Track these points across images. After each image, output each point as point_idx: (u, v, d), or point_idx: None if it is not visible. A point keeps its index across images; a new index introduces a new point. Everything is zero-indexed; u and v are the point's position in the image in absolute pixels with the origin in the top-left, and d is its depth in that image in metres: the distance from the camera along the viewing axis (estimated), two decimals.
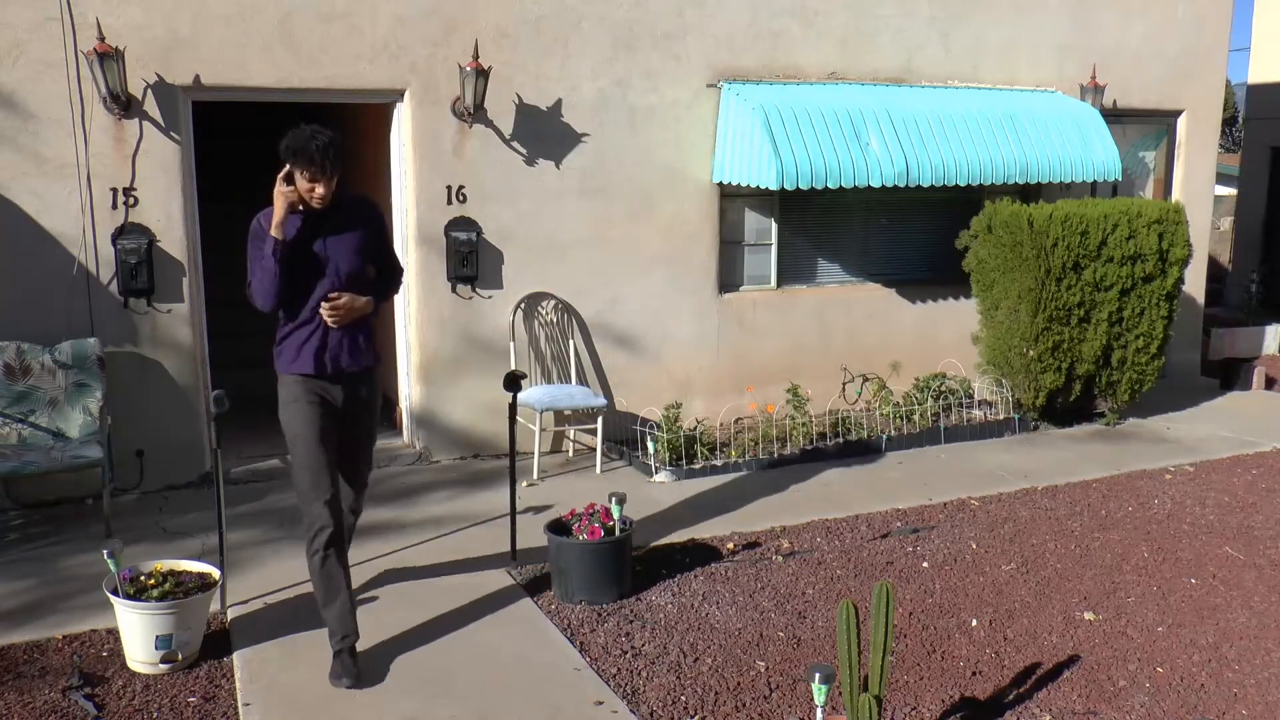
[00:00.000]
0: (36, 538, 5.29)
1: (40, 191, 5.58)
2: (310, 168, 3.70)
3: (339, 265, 3.89)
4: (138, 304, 5.83)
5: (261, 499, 5.87)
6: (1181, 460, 6.80)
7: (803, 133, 6.75)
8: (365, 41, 6.10)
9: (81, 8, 5.52)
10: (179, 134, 5.82)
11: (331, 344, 3.92)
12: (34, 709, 3.64)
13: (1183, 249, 7.31)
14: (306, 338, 3.91)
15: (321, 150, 3.69)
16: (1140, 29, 8.47)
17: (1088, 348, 7.21)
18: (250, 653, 4.04)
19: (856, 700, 3.05)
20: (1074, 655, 4.13)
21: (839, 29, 7.39)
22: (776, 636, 4.26)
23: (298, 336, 3.92)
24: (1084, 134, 7.62)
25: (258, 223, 3.85)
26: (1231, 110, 23.44)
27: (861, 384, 7.58)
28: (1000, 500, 6.00)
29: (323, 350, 3.92)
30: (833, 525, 5.55)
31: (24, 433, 5.44)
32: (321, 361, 3.92)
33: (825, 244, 7.81)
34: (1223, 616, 4.50)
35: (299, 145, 3.69)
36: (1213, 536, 5.44)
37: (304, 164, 3.69)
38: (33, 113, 5.53)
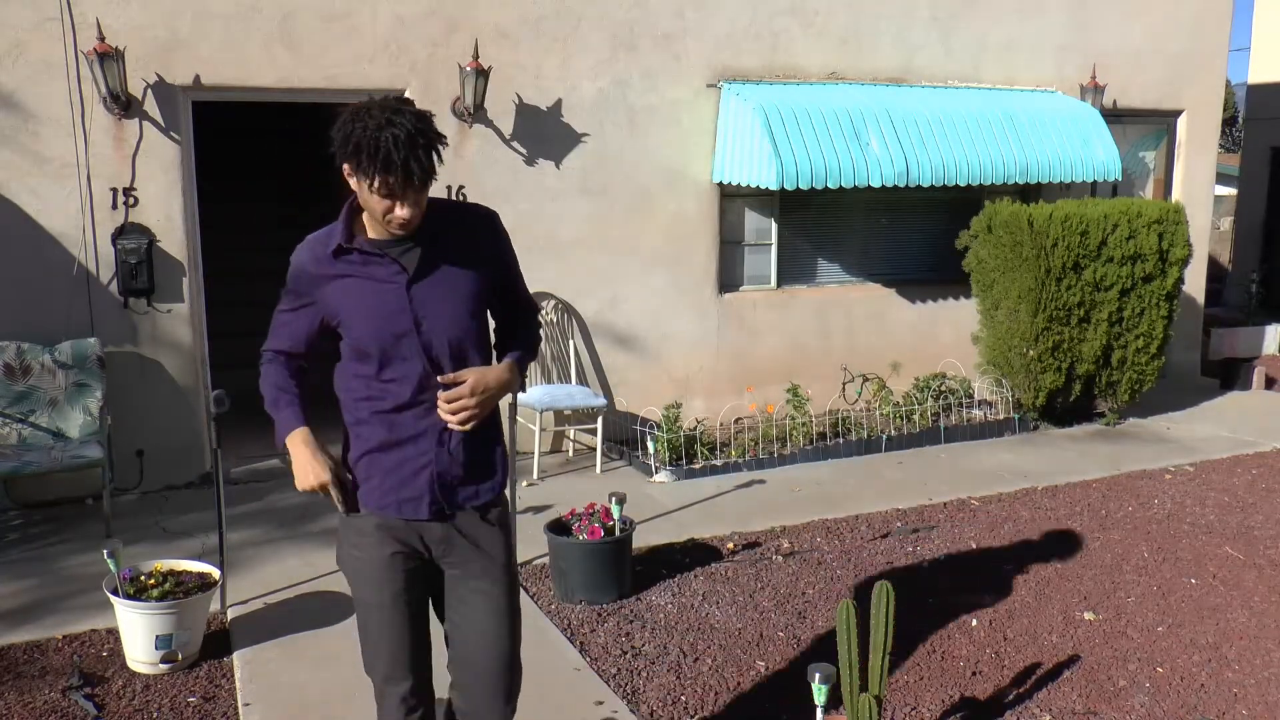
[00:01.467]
0: (36, 538, 5.29)
1: (40, 191, 5.58)
2: (386, 174, 2.25)
3: (438, 332, 2.44)
4: (138, 304, 5.83)
5: (261, 499, 5.87)
6: (1181, 460, 6.80)
7: (803, 133, 6.75)
8: (365, 41, 6.10)
9: (81, 8, 5.52)
10: (179, 134, 5.82)
11: (442, 464, 2.49)
12: (34, 709, 3.64)
13: (1183, 249, 7.31)
14: (395, 459, 2.50)
15: (404, 145, 2.24)
16: (1140, 29, 8.47)
17: (1088, 348, 7.21)
18: (250, 653, 4.04)
19: (856, 700, 3.05)
20: (1074, 655, 4.13)
21: (839, 29, 7.39)
22: (776, 636, 4.26)
23: (378, 452, 2.52)
24: (1084, 134, 7.62)
25: (297, 272, 2.50)
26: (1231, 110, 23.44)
27: (861, 384, 7.58)
28: (1000, 500, 5.99)
29: (426, 479, 2.49)
30: (833, 525, 5.55)
31: (24, 433, 5.44)
32: (418, 498, 2.51)
33: (825, 244, 7.81)
34: (1223, 616, 4.50)
35: (366, 138, 2.24)
36: (1213, 536, 5.44)
37: (374, 169, 2.25)
38: (33, 113, 5.53)
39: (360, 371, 2.48)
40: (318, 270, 2.46)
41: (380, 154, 2.22)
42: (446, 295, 2.45)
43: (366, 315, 2.43)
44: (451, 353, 2.46)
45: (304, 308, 2.52)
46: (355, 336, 2.45)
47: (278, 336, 2.58)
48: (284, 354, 2.58)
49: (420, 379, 2.45)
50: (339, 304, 2.45)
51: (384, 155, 2.22)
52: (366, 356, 2.45)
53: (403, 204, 2.30)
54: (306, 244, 2.50)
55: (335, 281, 2.44)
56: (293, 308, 2.54)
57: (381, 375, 2.46)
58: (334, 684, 3.77)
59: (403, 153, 2.22)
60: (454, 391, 2.42)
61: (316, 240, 2.49)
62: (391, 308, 2.42)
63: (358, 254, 2.42)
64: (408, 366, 2.44)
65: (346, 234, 2.43)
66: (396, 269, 2.42)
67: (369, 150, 2.23)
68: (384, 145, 2.21)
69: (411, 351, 2.43)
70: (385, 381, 2.46)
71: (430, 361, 2.44)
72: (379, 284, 2.42)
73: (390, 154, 2.22)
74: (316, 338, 2.55)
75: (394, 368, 2.45)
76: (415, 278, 2.43)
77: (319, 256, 2.46)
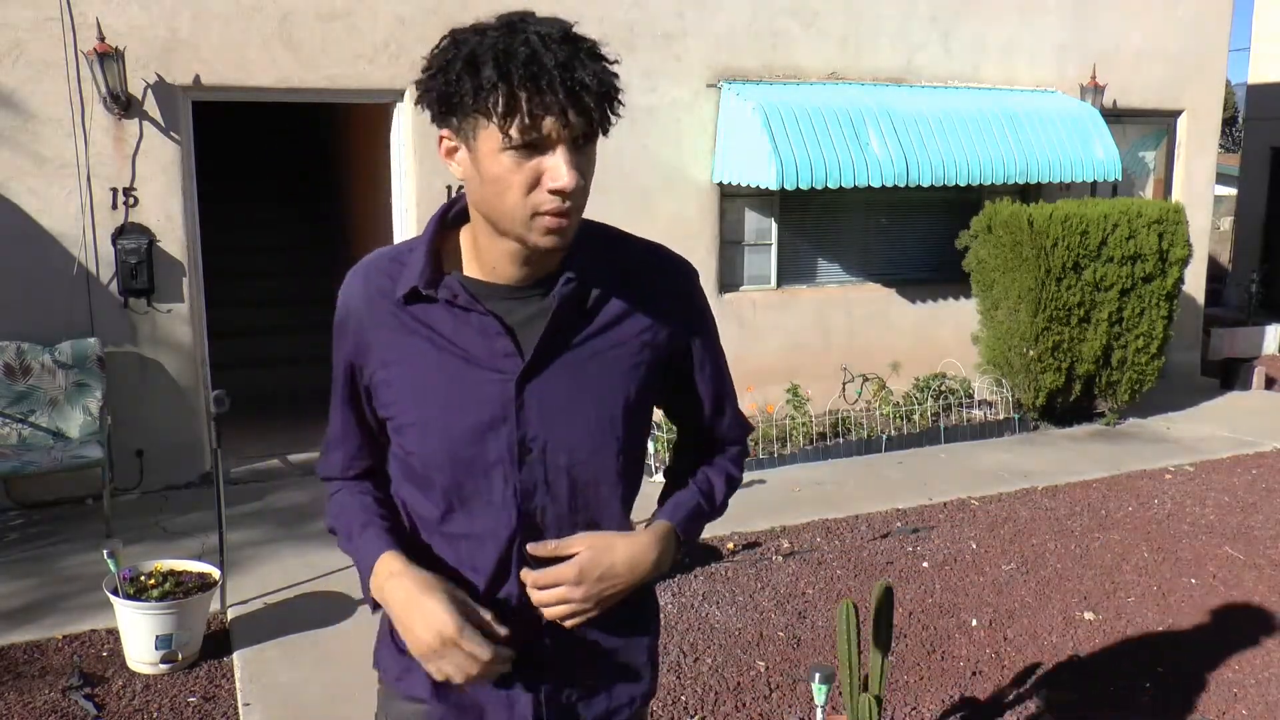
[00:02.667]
0: (36, 538, 5.29)
1: (40, 191, 5.58)
2: (536, 93, 1.30)
3: (557, 461, 1.51)
4: (138, 304, 5.83)
5: (261, 499, 5.86)
6: (1181, 460, 6.80)
7: (802, 132, 6.75)
8: (365, 41, 6.10)
9: (81, 8, 5.52)
10: (179, 134, 5.81)
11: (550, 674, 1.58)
12: (34, 709, 3.64)
13: (1183, 249, 7.31)
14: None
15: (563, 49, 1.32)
16: (1140, 29, 8.47)
17: (1088, 348, 7.21)
18: (250, 653, 4.04)
19: (856, 700, 3.05)
20: (1074, 655, 4.13)
21: (839, 29, 7.39)
22: (776, 636, 4.26)
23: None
24: (1084, 134, 7.62)
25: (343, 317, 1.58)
26: (1231, 110, 23.44)
27: (861, 384, 7.58)
28: (1000, 500, 5.99)
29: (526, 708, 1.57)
30: (833, 525, 5.55)
31: (24, 433, 5.44)
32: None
33: (825, 244, 7.81)
34: (1223, 616, 4.49)
35: (495, 48, 1.31)
36: (1213, 536, 5.44)
37: (513, 85, 1.30)
38: (33, 113, 5.53)
39: (412, 506, 1.56)
40: (371, 315, 1.51)
41: (521, 60, 1.28)
42: (585, 398, 1.49)
43: (438, 412, 1.48)
44: (573, 498, 1.52)
45: (344, 379, 1.59)
46: (410, 445, 1.52)
47: (339, 446, 1.64)
48: (357, 476, 1.65)
49: (509, 539, 1.51)
50: (392, 380, 1.51)
51: (530, 61, 1.29)
52: (424, 484, 1.53)
53: (565, 161, 1.32)
54: (362, 269, 1.55)
55: (394, 341, 1.50)
56: (347, 387, 1.59)
57: (445, 525, 1.52)
58: (334, 684, 3.77)
59: (563, 55, 1.29)
60: (551, 573, 1.47)
61: (377, 264, 1.54)
62: (485, 407, 1.47)
63: (447, 304, 1.47)
64: (490, 516, 1.50)
65: (431, 266, 1.47)
66: (506, 344, 1.46)
67: (501, 58, 1.29)
68: (531, 47, 1.29)
69: (501, 491, 1.49)
70: (449, 536, 1.53)
71: (525, 514, 1.50)
72: (469, 364, 1.47)
73: (540, 58, 1.29)
74: (367, 430, 1.62)
75: (468, 514, 1.51)
76: (536, 363, 1.46)
77: (377, 292, 1.51)
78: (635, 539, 1.53)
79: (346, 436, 1.63)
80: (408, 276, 1.48)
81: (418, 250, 1.50)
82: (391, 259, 1.54)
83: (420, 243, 1.51)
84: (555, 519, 1.52)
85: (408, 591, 1.46)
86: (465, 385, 1.47)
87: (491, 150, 1.34)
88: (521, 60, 1.29)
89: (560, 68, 1.30)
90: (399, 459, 1.57)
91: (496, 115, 1.30)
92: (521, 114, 1.30)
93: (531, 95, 1.30)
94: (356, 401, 1.59)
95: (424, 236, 1.52)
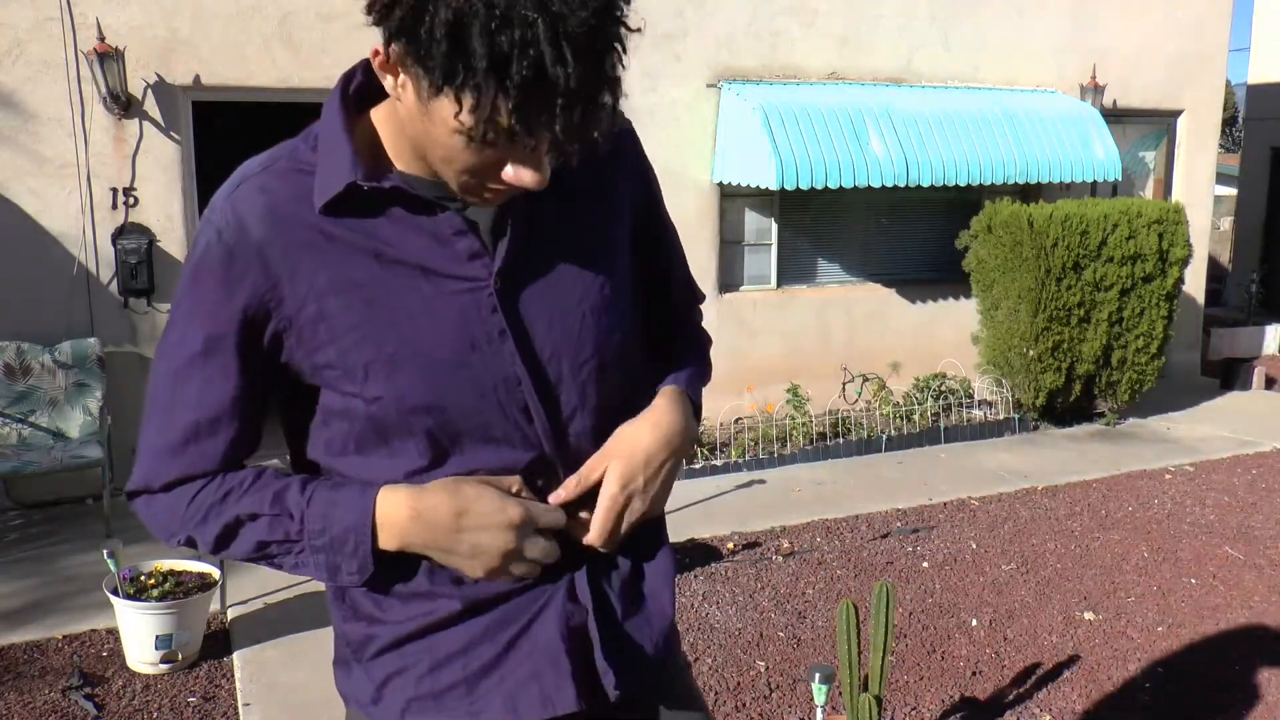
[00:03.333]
0: (36, 538, 5.29)
1: (40, 191, 5.58)
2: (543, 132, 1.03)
3: (568, 369, 1.27)
4: (138, 304, 5.83)
5: None
6: (1181, 460, 6.80)
7: (803, 132, 6.75)
8: (365, 41, 6.05)
9: (81, 8, 5.52)
10: (179, 134, 5.82)
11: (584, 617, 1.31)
12: (34, 709, 3.64)
13: (1183, 249, 7.31)
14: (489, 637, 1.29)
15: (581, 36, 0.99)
16: (1140, 29, 8.47)
17: (1088, 348, 7.21)
18: (250, 653, 4.04)
19: (856, 700, 3.05)
20: (1074, 655, 4.13)
21: (839, 29, 7.39)
22: (776, 636, 4.26)
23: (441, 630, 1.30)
24: (1084, 134, 7.62)
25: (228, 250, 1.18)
26: (1231, 110, 23.44)
27: (861, 384, 7.58)
28: (1000, 500, 5.99)
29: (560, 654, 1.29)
30: (833, 525, 5.55)
31: (24, 433, 5.44)
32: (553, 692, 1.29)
33: (825, 244, 7.81)
34: (1223, 616, 4.50)
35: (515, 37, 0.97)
36: (1213, 536, 5.44)
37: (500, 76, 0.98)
38: (33, 113, 5.53)
39: (367, 475, 1.24)
40: (283, 237, 1.18)
41: (525, 66, 0.98)
42: (574, 285, 1.27)
43: (408, 340, 1.20)
44: (594, 405, 1.29)
45: (232, 339, 1.20)
46: (372, 390, 1.20)
47: (209, 434, 1.23)
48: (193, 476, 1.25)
49: (533, 470, 1.27)
50: (331, 314, 1.19)
51: (536, 70, 0.98)
52: (396, 436, 1.22)
53: (536, 168, 1.10)
54: (253, 182, 1.20)
55: (325, 264, 1.18)
56: (237, 348, 1.20)
57: (434, 477, 1.24)
58: (334, 684, 3.76)
59: (581, 72, 1.00)
60: (603, 506, 1.27)
61: (273, 173, 1.21)
62: (462, 324, 1.21)
63: (387, 207, 1.19)
64: (492, 452, 1.24)
65: (365, 162, 1.18)
66: (470, 244, 1.21)
67: (497, 46, 0.97)
68: (539, 49, 0.97)
69: (514, 421, 1.24)
70: None
71: (540, 440, 1.26)
72: (428, 276, 1.20)
73: (549, 71, 0.99)
74: (258, 406, 1.26)
75: (463, 457, 1.24)
76: (512, 260, 1.23)
77: (286, 205, 1.19)
78: (652, 414, 1.33)
79: (227, 418, 1.23)
80: (329, 178, 1.17)
81: (332, 147, 1.19)
82: (290, 167, 1.21)
83: (330, 136, 1.20)
84: (578, 435, 1.29)
85: (440, 505, 1.20)
86: (431, 302, 1.20)
87: (444, 124, 1.06)
88: (525, 66, 0.97)
89: (574, 96, 1.00)
90: (340, 421, 1.24)
91: (465, 110, 1.02)
92: (499, 130, 1.03)
93: (523, 118, 1.01)
94: (249, 365, 1.21)
95: (330, 127, 1.20)
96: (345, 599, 1.34)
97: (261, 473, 1.27)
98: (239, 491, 1.25)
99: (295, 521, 1.23)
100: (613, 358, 1.31)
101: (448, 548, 1.22)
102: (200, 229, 1.22)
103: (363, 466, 1.26)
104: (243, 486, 1.25)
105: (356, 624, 1.34)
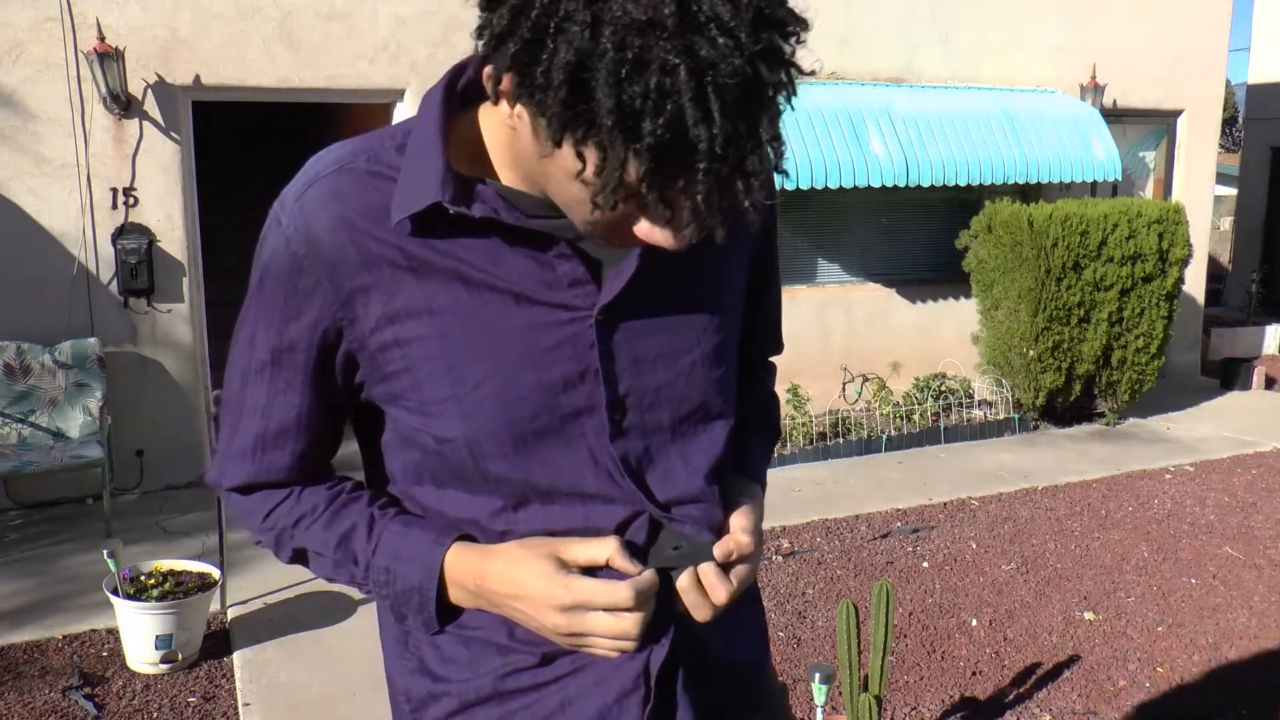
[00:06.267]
0: (36, 538, 5.29)
1: (40, 191, 5.58)
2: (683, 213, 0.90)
3: (659, 419, 1.12)
4: (138, 304, 5.83)
5: None
6: (1181, 460, 6.80)
7: (802, 132, 6.75)
8: (365, 41, 6.10)
9: (81, 8, 5.52)
10: (179, 134, 5.82)
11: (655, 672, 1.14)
12: (34, 709, 3.64)
13: (1183, 249, 7.31)
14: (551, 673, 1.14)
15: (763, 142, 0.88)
16: (1140, 29, 8.47)
17: (1088, 348, 7.21)
18: (250, 653, 4.04)
19: (856, 700, 3.05)
20: (1074, 655, 4.13)
21: (839, 29, 7.39)
22: (776, 636, 4.26)
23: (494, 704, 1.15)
24: (1084, 134, 7.62)
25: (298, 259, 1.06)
26: (1231, 110, 23.44)
27: (861, 384, 7.58)
28: (1000, 500, 5.99)
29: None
30: (833, 525, 5.55)
31: (24, 433, 5.44)
32: None
33: (825, 244, 7.81)
34: (1223, 616, 4.50)
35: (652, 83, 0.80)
36: (1213, 536, 5.44)
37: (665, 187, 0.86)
38: (33, 113, 5.53)
39: (443, 508, 1.13)
40: (357, 252, 1.05)
41: (663, 123, 0.82)
42: (683, 327, 1.12)
43: (488, 376, 1.06)
44: (683, 459, 1.14)
45: (301, 354, 1.11)
46: (445, 429, 1.08)
47: (281, 443, 1.16)
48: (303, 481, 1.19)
49: (626, 528, 1.11)
50: (406, 341, 1.06)
51: (676, 133, 0.82)
52: (472, 479, 1.10)
53: (672, 226, 0.93)
54: (323, 187, 1.06)
55: (403, 286, 1.05)
56: (313, 359, 1.11)
57: (508, 525, 1.11)
58: (334, 684, 3.77)
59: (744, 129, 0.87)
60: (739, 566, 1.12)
61: (350, 177, 1.06)
62: (555, 359, 1.07)
63: (482, 225, 1.03)
64: (578, 507, 1.10)
65: (453, 180, 1.02)
66: (574, 269, 1.06)
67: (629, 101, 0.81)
68: (680, 96, 0.81)
69: (605, 472, 1.10)
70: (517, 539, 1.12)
71: (651, 492, 1.12)
72: (520, 303, 1.06)
73: (692, 135, 0.83)
74: (330, 421, 1.17)
75: (546, 508, 1.10)
76: (624, 295, 1.07)
77: (360, 218, 1.05)
78: (750, 510, 1.19)
79: (294, 432, 1.14)
80: (412, 192, 1.02)
81: (421, 153, 1.03)
82: (368, 170, 1.06)
83: (422, 140, 1.04)
84: (674, 491, 1.13)
85: (498, 584, 1.08)
86: (521, 333, 1.05)
87: (565, 173, 0.90)
88: (661, 125, 0.81)
89: (721, 161, 0.84)
90: (413, 450, 1.12)
91: (588, 168, 0.86)
92: (629, 193, 0.87)
93: (657, 185, 0.86)
94: (319, 381, 1.12)
95: (425, 130, 1.04)
96: (409, 647, 1.20)
97: (336, 497, 1.18)
98: (309, 519, 1.17)
99: (360, 568, 1.15)
100: (718, 411, 1.16)
101: (514, 620, 1.12)
102: (269, 225, 1.09)
103: (440, 500, 1.14)
104: (315, 514, 1.17)
105: (420, 679, 1.19)
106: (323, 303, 1.07)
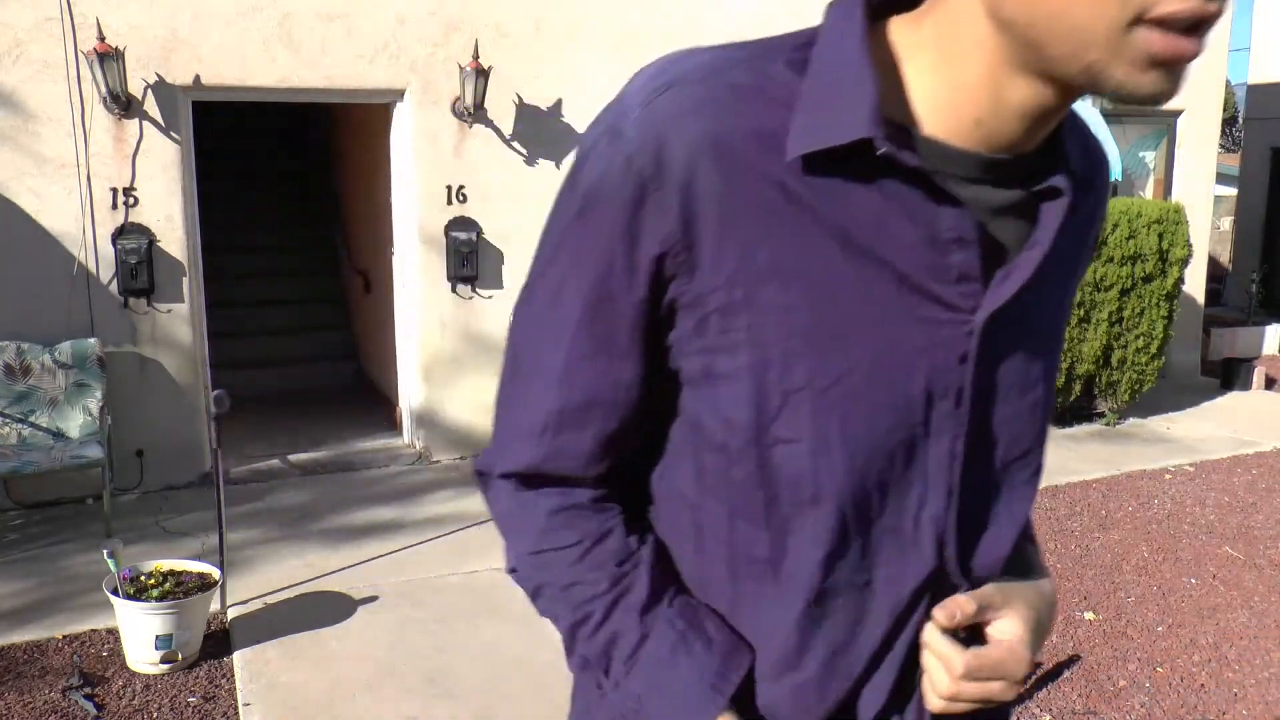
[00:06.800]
0: (36, 538, 5.29)
1: (40, 191, 5.58)
2: None
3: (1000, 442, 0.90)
4: (138, 304, 5.83)
5: (261, 499, 5.86)
6: (1181, 460, 6.80)
7: None
8: (365, 41, 6.10)
9: (81, 8, 5.52)
10: (179, 134, 5.81)
11: None
12: (34, 709, 3.64)
13: (1183, 249, 7.31)
14: None
15: None
16: None
17: (1087, 348, 7.21)
18: (250, 653, 4.04)
19: None
20: (1074, 655, 4.13)
21: None
22: None
23: None
24: None
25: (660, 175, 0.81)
26: (1231, 110, 23.44)
27: None
28: None
29: None
30: None
31: (24, 433, 5.44)
32: None
33: None
34: (1223, 616, 4.50)
35: None
36: (1213, 536, 5.44)
37: None
38: (33, 113, 5.53)
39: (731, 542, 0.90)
40: (728, 183, 0.81)
41: None
42: (1032, 354, 0.91)
43: (848, 372, 0.83)
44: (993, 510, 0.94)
45: (627, 303, 0.85)
46: (793, 435, 0.84)
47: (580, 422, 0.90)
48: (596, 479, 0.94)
49: (919, 588, 0.90)
50: (761, 308, 0.83)
51: None
52: (804, 504, 0.86)
53: None
54: (699, 91, 0.85)
55: (771, 235, 0.82)
56: (586, 312, 0.87)
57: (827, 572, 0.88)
58: (334, 684, 3.77)
59: None
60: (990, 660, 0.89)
61: (729, 86, 0.84)
62: (926, 366, 0.85)
63: (892, 178, 0.81)
64: (899, 553, 0.89)
65: (875, 111, 0.78)
66: (966, 260, 0.84)
67: None
68: None
69: (913, 515, 0.89)
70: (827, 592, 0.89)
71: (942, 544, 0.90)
72: (902, 287, 0.83)
73: None
74: (646, 394, 0.89)
75: (871, 550, 0.89)
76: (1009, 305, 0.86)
77: (744, 140, 0.81)
78: (1044, 602, 1.00)
79: (605, 406, 0.89)
80: (828, 118, 0.79)
81: (837, 73, 0.81)
82: (753, 86, 0.83)
83: (837, 58, 0.82)
84: (982, 553, 0.93)
85: None
86: (899, 323, 0.83)
87: None
88: None
89: None
90: (723, 454, 0.87)
91: None
92: None
93: None
94: (642, 338, 0.87)
95: (843, 46, 0.82)
96: None
97: (618, 581, 0.93)
98: (584, 587, 0.95)
99: (609, 681, 0.95)
100: (1038, 463, 0.96)
101: None
102: (591, 143, 0.88)
103: (730, 536, 0.89)
104: (594, 590, 0.94)
105: None
106: (665, 237, 0.82)
